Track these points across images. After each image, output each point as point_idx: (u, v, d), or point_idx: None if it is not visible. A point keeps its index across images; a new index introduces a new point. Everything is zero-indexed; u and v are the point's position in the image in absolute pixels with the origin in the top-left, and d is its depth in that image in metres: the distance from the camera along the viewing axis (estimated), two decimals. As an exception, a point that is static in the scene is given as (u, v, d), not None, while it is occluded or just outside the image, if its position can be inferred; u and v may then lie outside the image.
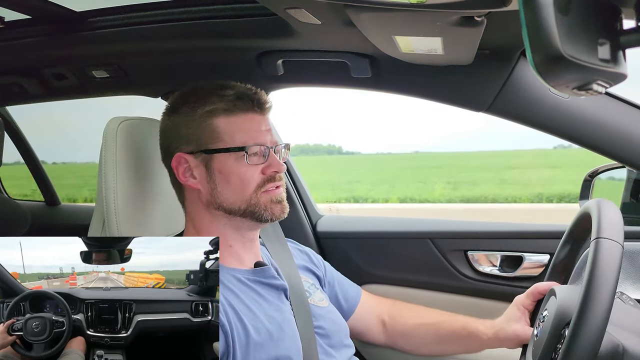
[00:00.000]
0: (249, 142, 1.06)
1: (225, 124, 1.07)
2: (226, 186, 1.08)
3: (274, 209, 1.09)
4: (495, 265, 1.52)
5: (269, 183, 1.08)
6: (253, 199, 1.07)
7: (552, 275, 1.13)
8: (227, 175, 1.07)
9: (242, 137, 1.07)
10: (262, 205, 1.08)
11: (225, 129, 1.07)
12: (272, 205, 1.08)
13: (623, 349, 0.83)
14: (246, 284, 1.08)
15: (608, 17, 0.50)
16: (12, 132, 2.34)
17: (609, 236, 0.81)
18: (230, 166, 1.07)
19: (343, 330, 1.21)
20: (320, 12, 1.03)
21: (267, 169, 1.08)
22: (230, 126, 1.07)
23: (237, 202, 1.08)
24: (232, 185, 1.07)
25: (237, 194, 1.07)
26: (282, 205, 1.10)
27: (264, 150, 1.08)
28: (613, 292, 0.77)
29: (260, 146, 1.07)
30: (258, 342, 1.00)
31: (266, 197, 1.08)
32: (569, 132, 1.24)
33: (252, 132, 1.08)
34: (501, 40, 1.16)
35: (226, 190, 1.08)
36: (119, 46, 1.41)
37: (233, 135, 1.07)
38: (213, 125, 1.07)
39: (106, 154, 1.12)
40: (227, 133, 1.07)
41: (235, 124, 1.07)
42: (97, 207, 1.17)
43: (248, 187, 1.07)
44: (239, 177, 1.07)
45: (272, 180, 1.09)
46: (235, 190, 1.07)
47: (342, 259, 1.61)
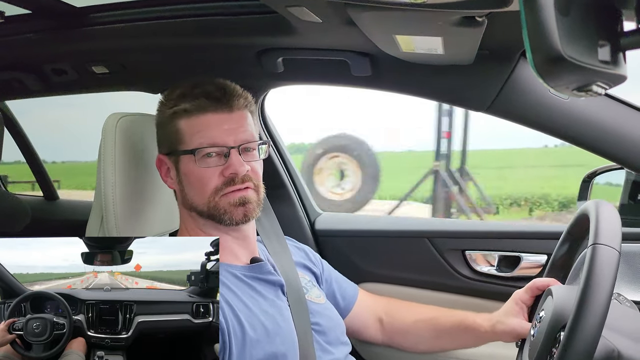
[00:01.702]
0: (204, 144, 1.04)
1: (186, 125, 1.06)
2: (190, 188, 1.08)
3: (234, 212, 1.06)
4: (492, 265, 1.52)
5: (228, 186, 1.05)
6: (211, 202, 1.06)
7: (551, 271, 1.13)
8: (189, 177, 1.07)
9: (198, 139, 1.05)
10: (222, 208, 1.06)
11: (185, 130, 1.06)
12: (231, 209, 1.06)
13: (618, 353, 0.83)
14: (242, 279, 1.08)
15: (608, 18, 0.50)
16: (11, 127, 2.34)
17: (606, 242, 0.81)
18: (191, 168, 1.06)
19: (340, 327, 1.21)
20: (321, 10, 1.03)
21: (225, 170, 1.05)
22: (190, 127, 1.06)
23: (200, 204, 1.07)
24: (193, 187, 1.07)
25: (198, 196, 1.07)
26: (245, 209, 1.06)
27: (224, 150, 1.05)
28: (608, 300, 0.77)
29: (215, 147, 1.05)
30: (254, 339, 1.00)
31: (225, 201, 1.06)
32: (568, 133, 1.25)
33: (210, 132, 1.05)
34: (502, 41, 1.17)
35: (191, 192, 1.08)
36: (119, 42, 1.41)
37: (192, 136, 1.06)
38: (176, 126, 1.07)
39: (105, 150, 1.12)
40: (187, 134, 1.06)
41: (195, 126, 1.06)
42: (95, 202, 1.17)
43: (206, 189, 1.06)
44: (198, 179, 1.06)
45: (231, 183, 1.05)
46: (196, 192, 1.07)
47: (340, 257, 1.61)
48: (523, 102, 1.25)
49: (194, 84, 1.09)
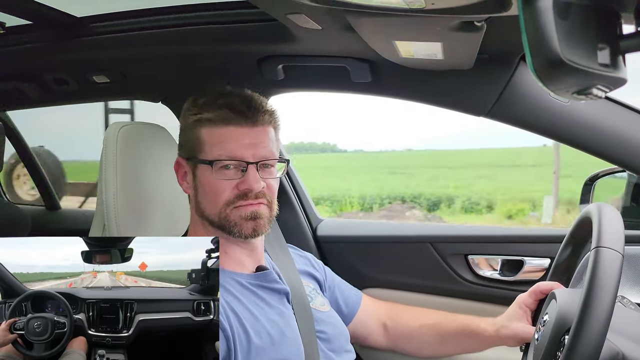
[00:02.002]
0: (222, 156, 1.05)
1: (207, 134, 1.07)
2: (203, 196, 1.09)
3: (244, 226, 1.06)
4: (495, 269, 1.52)
5: (240, 200, 1.06)
6: (222, 213, 1.06)
7: (554, 275, 1.13)
8: (204, 186, 1.08)
9: (217, 150, 1.05)
10: (232, 221, 1.06)
11: (207, 139, 1.07)
12: (241, 222, 1.06)
13: (623, 356, 0.83)
14: (248, 288, 1.08)
15: (607, 22, 0.50)
16: (12, 137, 2.35)
17: (609, 245, 0.81)
18: (207, 177, 1.07)
19: (344, 335, 1.21)
20: (320, 17, 1.03)
21: (241, 184, 1.06)
22: (211, 138, 1.06)
23: (212, 214, 1.08)
24: (207, 196, 1.08)
25: (210, 205, 1.08)
26: (255, 223, 1.06)
27: (242, 165, 1.05)
28: (612, 302, 0.77)
29: (233, 161, 1.05)
30: (259, 346, 1.00)
31: (236, 214, 1.06)
32: (569, 136, 1.25)
33: (230, 146, 1.05)
34: (501, 45, 1.17)
35: (204, 200, 1.09)
36: (120, 51, 1.41)
37: (212, 147, 1.06)
38: (198, 134, 1.08)
39: (107, 159, 1.13)
40: (207, 144, 1.07)
41: (216, 136, 1.06)
42: (97, 211, 1.17)
43: (219, 200, 1.06)
44: (212, 189, 1.07)
45: (244, 198, 1.06)
46: (209, 201, 1.08)
47: (343, 263, 1.60)
48: (523, 106, 1.25)
49: (219, 94, 1.09)
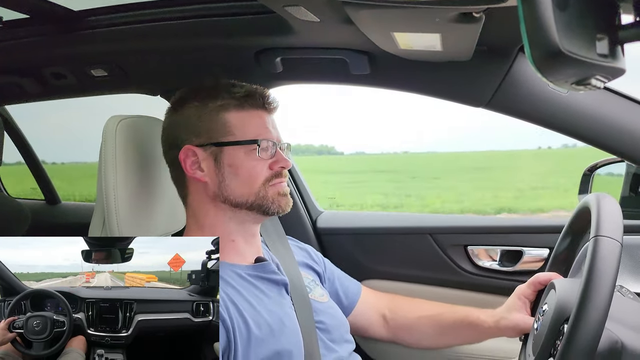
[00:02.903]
0: (260, 137, 1.10)
1: (236, 118, 1.10)
2: (234, 179, 1.09)
3: (281, 201, 1.11)
4: (495, 259, 1.52)
5: (275, 178, 1.11)
6: (261, 192, 1.10)
7: (553, 266, 1.13)
8: (237, 169, 1.09)
9: (253, 131, 1.10)
10: (270, 198, 1.10)
11: (236, 123, 1.09)
12: (279, 198, 1.11)
13: (622, 345, 0.83)
14: (247, 279, 1.09)
15: (606, 12, 0.50)
16: (11, 131, 2.35)
17: (607, 234, 0.82)
18: (241, 159, 1.09)
19: (344, 326, 1.22)
20: (318, 9, 1.03)
21: (275, 164, 1.11)
22: (241, 120, 1.10)
23: (245, 195, 1.09)
24: (240, 179, 1.09)
25: (245, 187, 1.09)
26: (287, 198, 1.13)
27: (272, 146, 1.11)
28: (611, 291, 0.77)
29: (269, 141, 1.10)
30: (259, 337, 1.01)
31: (273, 190, 1.10)
32: (567, 127, 1.25)
33: (262, 128, 1.11)
34: (500, 36, 1.17)
35: (234, 183, 1.09)
36: (118, 45, 1.41)
37: (244, 129, 1.09)
38: (224, 119, 1.09)
39: (106, 153, 1.12)
40: (237, 127, 1.09)
41: (246, 119, 1.10)
42: (97, 205, 1.17)
43: (257, 180, 1.10)
44: (248, 170, 1.09)
45: (278, 176, 1.12)
46: (244, 183, 1.09)
47: (342, 255, 1.61)
48: (522, 97, 1.25)
49: (229, 84, 1.13)
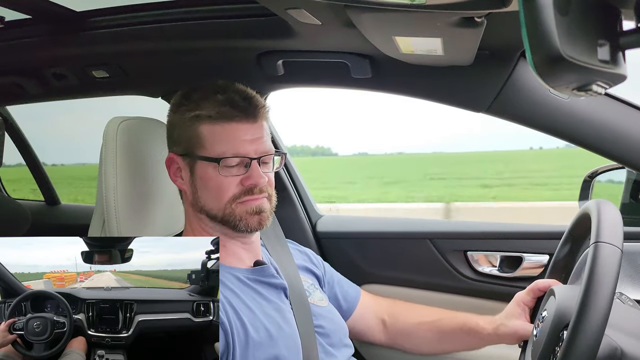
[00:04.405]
0: (227, 153, 1.05)
1: (208, 131, 1.07)
2: (205, 192, 1.08)
3: (249, 220, 1.08)
4: (494, 265, 1.52)
5: (246, 195, 1.07)
6: (227, 208, 1.07)
7: (552, 273, 1.13)
8: (206, 182, 1.08)
9: (221, 147, 1.06)
10: (237, 215, 1.07)
11: (207, 136, 1.07)
12: (247, 217, 1.07)
13: (621, 351, 0.83)
14: (246, 283, 1.09)
15: (607, 18, 0.50)
16: (12, 132, 2.35)
17: (608, 240, 0.81)
18: (210, 174, 1.07)
19: (342, 330, 1.21)
20: (320, 12, 1.03)
21: (245, 180, 1.07)
22: (212, 134, 1.07)
23: (214, 209, 1.08)
24: (209, 193, 1.08)
25: (214, 201, 1.08)
26: (260, 217, 1.08)
27: (245, 161, 1.06)
28: (611, 297, 0.77)
29: (238, 158, 1.06)
30: (257, 341, 1.00)
31: (242, 208, 1.07)
32: (568, 132, 1.24)
33: (234, 142, 1.06)
34: (501, 41, 1.16)
35: (205, 196, 1.09)
36: (119, 46, 1.41)
37: (213, 143, 1.06)
38: (197, 131, 1.07)
39: (106, 154, 1.12)
40: (208, 141, 1.07)
41: (217, 133, 1.06)
42: (97, 206, 1.17)
43: (224, 196, 1.07)
44: (215, 185, 1.07)
45: (249, 193, 1.07)
46: (213, 197, 1.08)
47: (342, 259, 1.61)
48: (523, 103, 1.25)
49: (215, 89, 1.09)
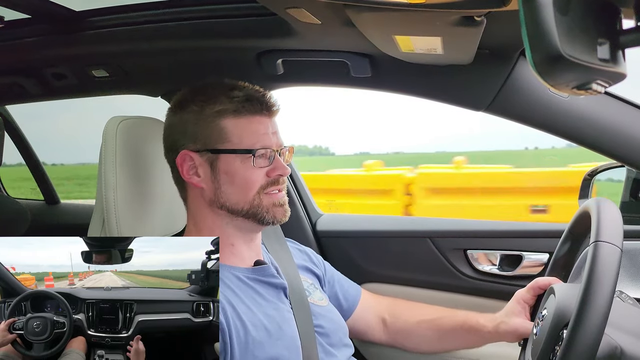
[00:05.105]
0: (256, 145, 1.07)
1: (233, 125, 1.08)
2: (230, 186, 1.08)
3: (276, 212, 1.10)
4: (494, 264, 1.52)
5: (272, 186, 1.09)
6: (256, 200, 1.08)
7: (552, 271, 1.13)
8: (232, 176, 1.08)
9: (249, 140, 1.07)
10: (265, 207, 1.09)
11: (232, 130, 1.07)
12: (274, 209, 1.09)
13: (621, 350, 0.83)
14: (245, 282, 1.09)
15: (607, 16, 0.50)
16: (12, 132, 2.35)
17: (608, 239, 0.81)
18: (236, 167, 1.07)
19: (342, 330, 1.21)
20: (320, 11, 1.03)
21: (272, 172, 1.09)
22: (238, 128, 1.08)
23: (240, 203, 1.08)
24: (236, 186, 1.08)
25: (240, 194, 1.08)
26: (283, 209, 1.11)
27: (270, 153, 1.09)
28: (611, 296, 0.77)
29: (266, 149, 1.08)
30: (257, 341, 1.00)
31: (268, 200, 1.09)
32: (568, 131, 1.24)
33: (259, 135, 1.08)
34: (501, 40, 1.16)
35: (230, 190, 1.08)
36: (119, 46, 1.41)
37: (241, 137, 1.07)
38: (221, 125, 1.07)
39: (106, 153, 1.12)
40: (234, 134, 1.07)
41: (243, 126, 1.08)
42: (96, 206, 1.17)
43: (252, 188, 1.08)
44: (243, 178, 1.07)
45: (275, 184, 1.10)
46: (239, 191, 1.08)
47: (342, 258, 1.61)
48: (523, 101, 1.25)
49: (229, 86, 1.10)
